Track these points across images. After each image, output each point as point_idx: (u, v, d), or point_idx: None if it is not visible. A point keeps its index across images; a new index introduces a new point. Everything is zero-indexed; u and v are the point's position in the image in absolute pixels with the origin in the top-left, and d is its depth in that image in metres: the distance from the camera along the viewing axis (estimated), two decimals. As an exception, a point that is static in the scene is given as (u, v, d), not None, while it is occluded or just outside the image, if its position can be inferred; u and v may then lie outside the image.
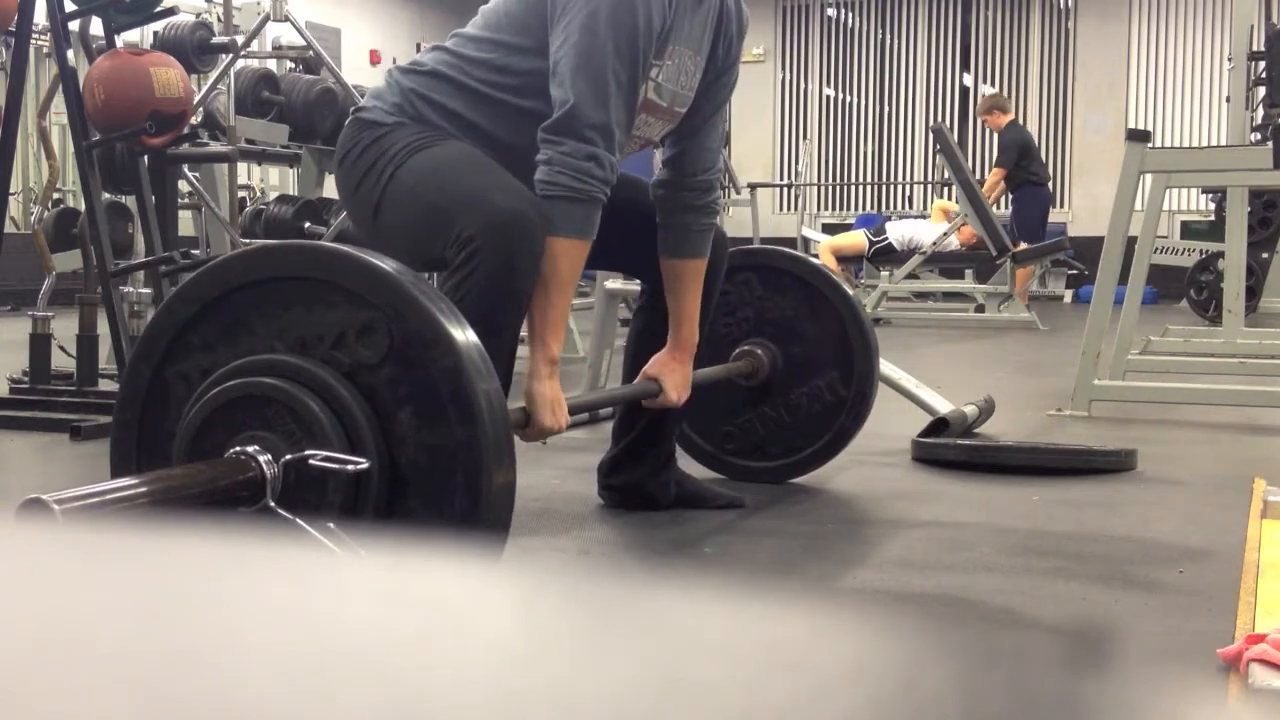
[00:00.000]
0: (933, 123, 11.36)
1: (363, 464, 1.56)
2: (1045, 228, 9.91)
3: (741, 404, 3.00)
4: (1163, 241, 10.03)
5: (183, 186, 5.14)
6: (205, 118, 5.17)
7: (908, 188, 14.35)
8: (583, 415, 3.37)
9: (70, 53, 4.01)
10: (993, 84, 13.97)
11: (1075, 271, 10.75)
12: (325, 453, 1.55)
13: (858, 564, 2.30)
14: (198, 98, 4.62)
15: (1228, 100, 7.06)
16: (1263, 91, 8.16)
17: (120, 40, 4.11)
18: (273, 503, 1.55)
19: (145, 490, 1.45)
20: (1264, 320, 8.12)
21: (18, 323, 5.53)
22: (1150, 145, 4.41)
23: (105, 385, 4.12)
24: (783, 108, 14.67)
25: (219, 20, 5.53)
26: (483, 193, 2.13)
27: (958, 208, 9.18)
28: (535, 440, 2.23)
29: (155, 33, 5.09)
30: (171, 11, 4.41)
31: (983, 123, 11.32)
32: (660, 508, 2.66)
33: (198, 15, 6.03)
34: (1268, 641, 1.61)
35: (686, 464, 2.82)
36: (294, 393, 1.57)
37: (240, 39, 5.08)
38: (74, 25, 4.14)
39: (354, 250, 1.64)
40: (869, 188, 14.52)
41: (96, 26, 4.18)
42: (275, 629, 0.27)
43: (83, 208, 4.11)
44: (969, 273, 10.15)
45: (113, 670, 0.25)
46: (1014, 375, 5.69)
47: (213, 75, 5.14)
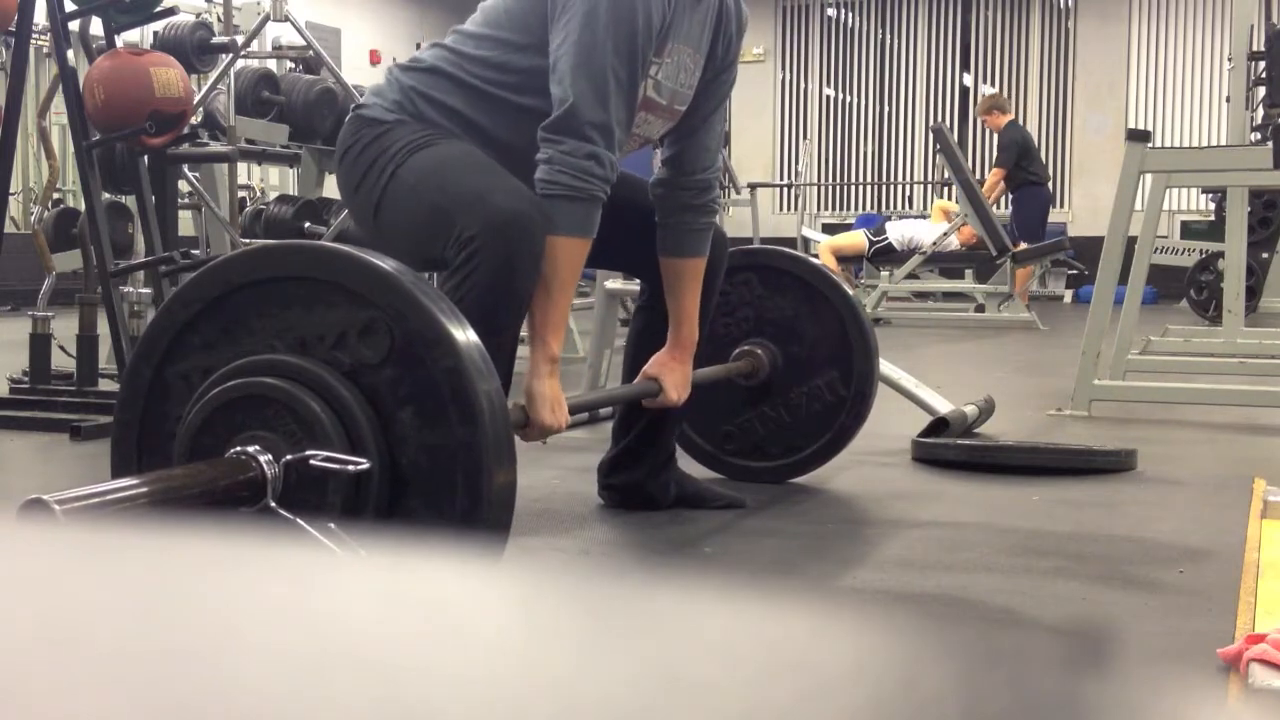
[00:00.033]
0: (933, 123, 11.36)
1: (363, 464, 1.56)
2: (1045, 228, 9.91)
3: (741, 404, 3.00)
4: (1163, 241, 10.03)
5: (183, 186, 5.14)
6: (205, 118, 5.17)
7: (908, 188, 14.35)
8: (583, 415, 3.37)
9: (70, 53, 4.01)
10: (993, 84, 13.97)
11: (1075, 271, 10.76)
12: (326, 453, 1.55)
13: (858, 564, 2.30)
14: (198, 98, 4.62)
15: (1228, 100, 7.06)
16: (1263, 91, 8.16)
17: (120, 40, 4.11)
18: (273, 503, 1.55)
19: (146, 490, 1.45)
20: (1264, 320, 8.12)
21: (18, 323, 5.53)
22: (1150, 145, 4.41)
23: (105, 385, 4.12)
24: (783, 108, 14.68)
25: (219, 20, 5.53)
26: (483, 192, 2.13)
27: (958, 208, 9.18)
28: (536, 440, 2.23)
29: (155, 33, 5.10)
30: (171, 11, 4.41)
31: (982, 123, 11.33)
32: (660, 508, 2.66)
33: (198, 15, 6.03)
34: (1268, 641, 1.61)
35: (686, 464, 2.82)
36: (295, 393, 1.57)
37: (240, 39, 5.08)
38: (74, 25, 4.14)
39: (355, 250, 1.64)
40: (869, 188, 14.52)
41: (96, 26, 4.18)
42: (276, 629, 0.27)
43: (83, 208, 4.11)
44: (969, 273, 10.15)
45: (114, 670, 0.25)
46: (1014, 375, 5.69)
47: (213, 75, 5.14)
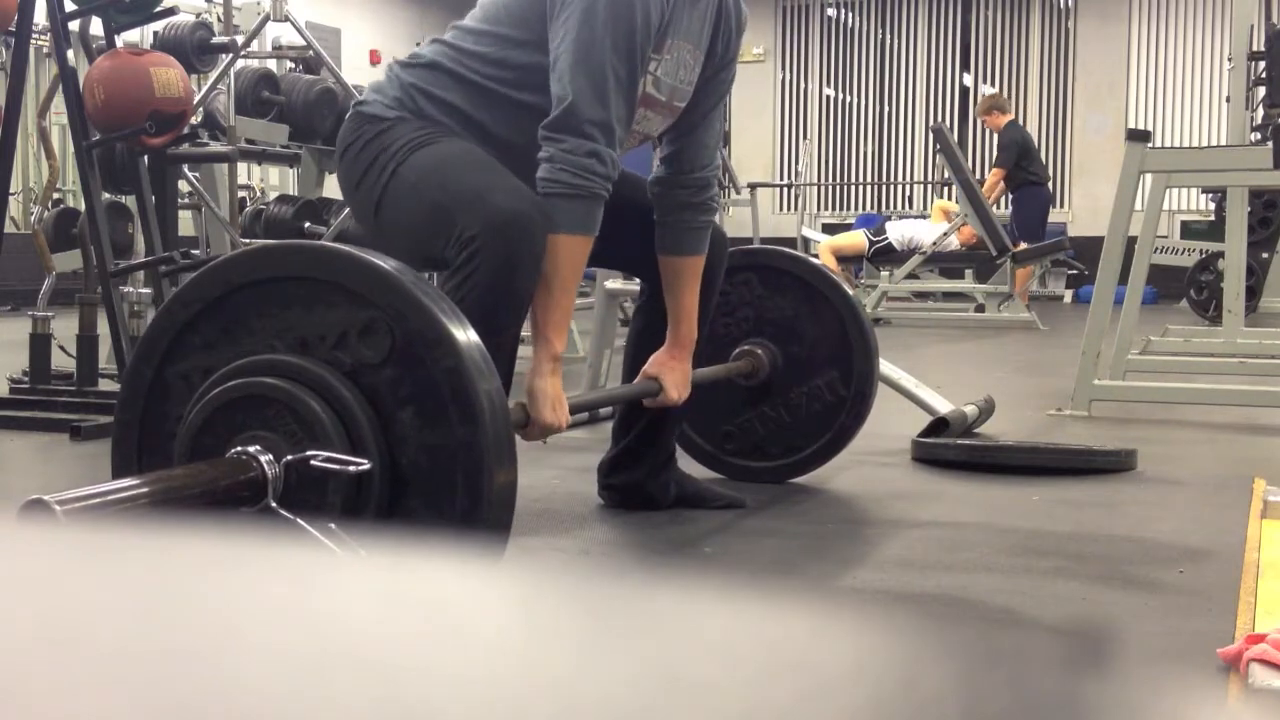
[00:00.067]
0: (933, 123, 11.36)
1: (364, 465, 1.56)
2: (1045, 228, 9.91)
3: (741, 404, 3.00)
4: (1163, 241, 10.03)
5: (183, 186, 5.14)
6: (205, 118, 5.17)
7: (908, 188, 14.35)
8: (583, 415, 3.37)
9: (70, 53, 4.01)
10: (993, 84, 13.97)
11: (1075, 271, 10.76)
12: (327, 453, 1.55)
13: (858, 564, 2.30)
14: (198, 98, 4.62)
15: (1228, 100, 7.06)
16: (1263, 91, 8.15)
17: (120, 40, 4.11)
18: (274, 503, 1.55)
19: (147, 491, 1.45)
20: (1264, 320, 8.12)
21: (18, 323, 5.53)
22: (1150, 145, 4.41)
23: (105, 385, 4.12)
24: (783, 108, 14.67)
25: (219, 20, 5.53)
26: (484, 192, 2.13)
27: (958, 208, 9.18)
28: (537, 439, 2.23)
29: (155, 33, 5.10)
30: (171, 11, 4.41)
31: (982, 123, 11.33)
32: (660, 508, 2.66)
33: (198, 15, 6.02)
34: (1268, 641, 1.61)
35: (686, 464, 2.82)
36: (295, 393, 1.57)
37: (240, 39, 5.08)
38: (74, 25, 4.14)
39: (356, 250, 1.64)
40: (869, 188, 14.52)
41: (96, 26, 4.18)
42: (277, 629, 0.27)
43: (83, 208, 4.11)
44: (969, 273, 10.15)
45: (115, 670, 0.25)
46: (1014, 375, 5.68)
47: (213, 75, 5.14)
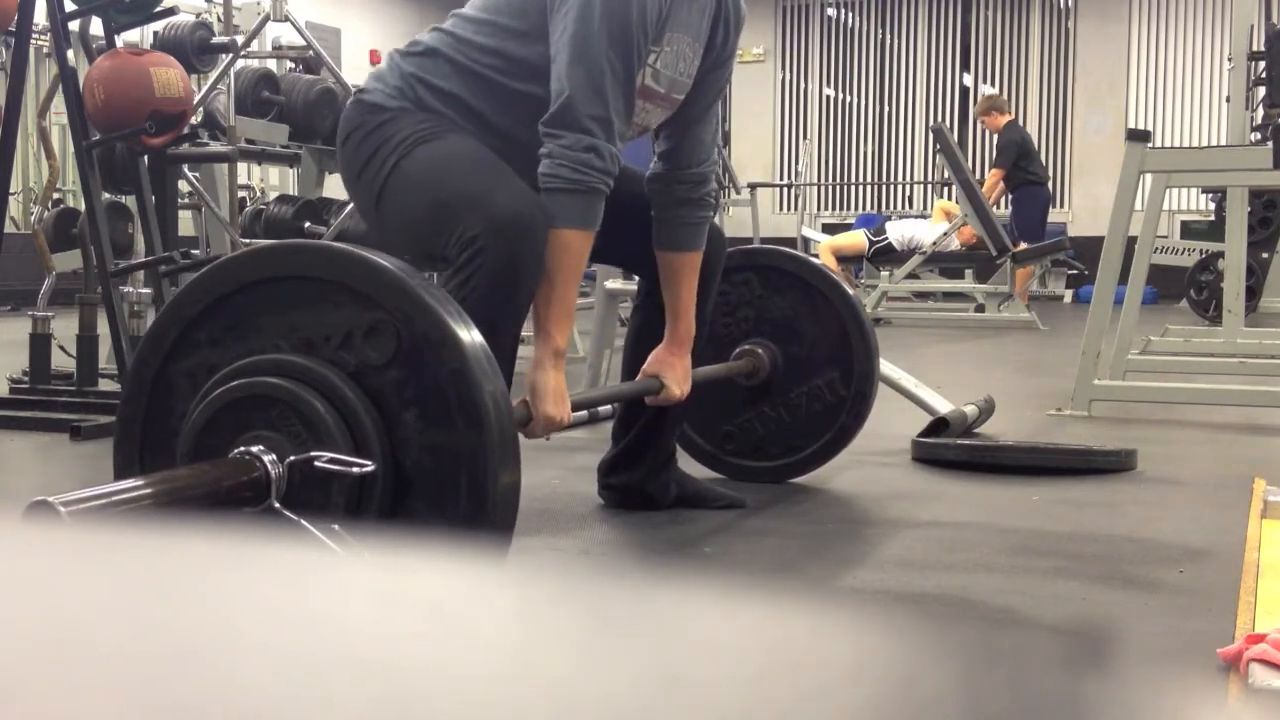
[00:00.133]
0: (933, 123, 11.36)
1: (368, 466, 1.56)
2: (1045, 228, 9.91)
3: (741, 403, 3.00)
4: (1163, 241, 10.03)
5: (183, 186, 5.14)
6: (205, 118, 5.16)
7: (908, 188, 14.35)
8: (583, 414, 3.36)
9: (70, 53, 4.01)
10: (993, 84, 13.97)
11: (1075, 271, 10.75)
12: (330, 454, 1.54)
13: (858, 564, 2.30)
14: (198, 98, 4.62)
15: (1228, 100, 7.06)
16: (1263, 91, 8.15)
17: (120, 40, 4.11)
18: (277, 503, 1.55)
19: (150, 491, 1.44)
20: (1264, 320, 8.12)
21: (18, 323, 5.53)
22: (1150, 145, 4.41)
23: (105, 385, 4.12)
24: (783, 108, 14.67)
25: (219, 20, 5.53)
26: (486, 192, 2.13)
27: (959, 208, 9.18)
28: (540, 435, 2.23)
29: (155, 33, 5.09)
30: (171, 11, 4.41)
31: (981, 124, 11.32)
32: (660, 508, 2.66)
33: (198, 15, 6.02)
34: (1268, 641, 1.61)
35: (686, 464, 2.82)
36: (299, 393, 1.57)
37: (240, 39, 5.07)
38: (74, 25, 4.14)
39: (363, 251, 1.64)
40: (869, 188, 14.52)
41: (96, 26, 4.18)
42: (280, 630, 0.27)
43: (83, 208, 4.11)
44: (969, 273, 10.15)
45: (120, 671, 0.25)
46: (1014, 375, 5.68)
47: (213, 75, 5.14)
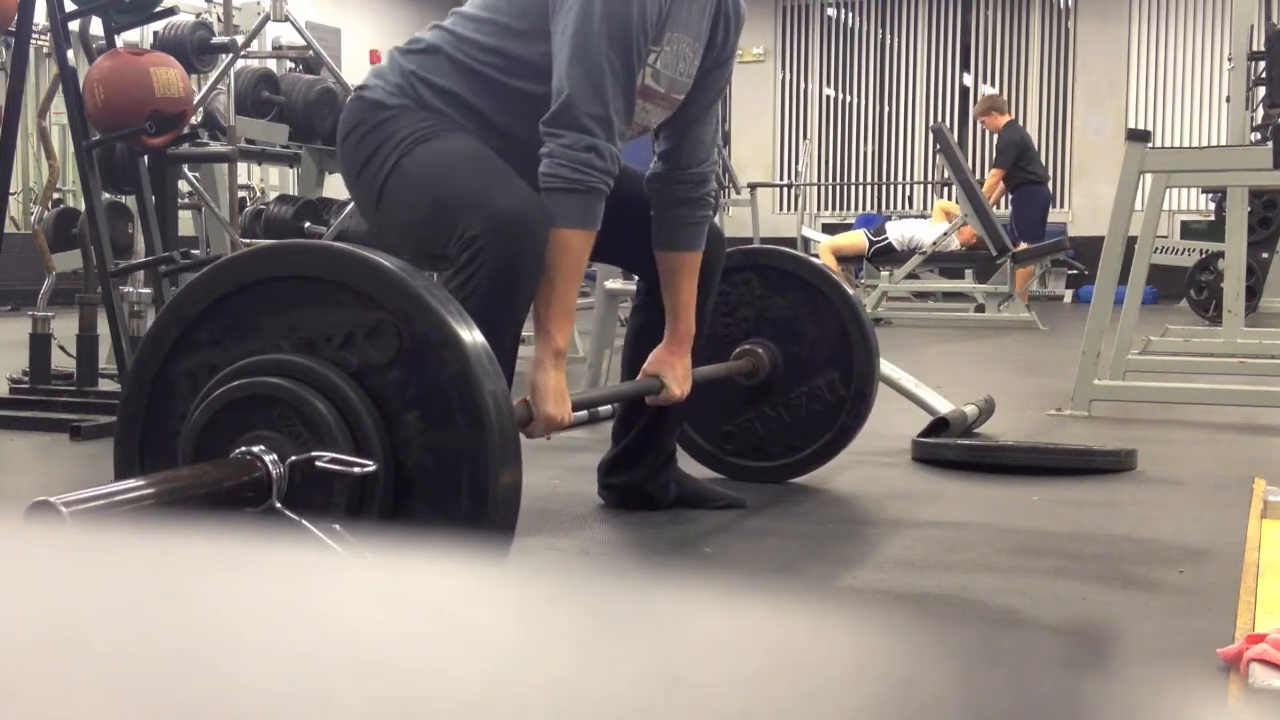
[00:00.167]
0: (933, 123, 11.36)
1: (370, 466, 1.55)
2: (1045, 227, 9.91)
3: (741, 403, 3.00)
4: (1163, 241, 10.02)
5: (183, 186, 5.14)
6: (205, 118, 5.16)
7: (908, 188, 14.35)
8: (583, 414, 3.36)
9: (70, 53, 4.01)
10: (993, 84, 13.97)
11: (1075, 271, 10.75)
12: (332, 454, 1.54)
13: (858, 564, 2.30)
14: (198, 98, 4.62)
15: (1228, 100, 7.06)
16: (1263, 91, 8.15)
17: (120, 40, 4.11)
18: (278, 503, 1.55)
19: (152, 491, 1.44)
20: (1264, 320, 8.12)
21: (18, 323, 5.53)
22: (1150, 145, 4.41)
23: (105, 385, 4.12)
24: (783, 108, 14.67)
25: (219, 20, 5.53)
26: (486, 192, 2.13)
27: (959, 208, 9.18)
28: (540, 435, 2.23)
29: (155, 33, 5.10)
30: (171, 11, 4.41)
31: (980, 124, 11.32)
32: (660, 508, 2.66)
33: (198, 15, 6.02)
34: (1268, 641, 1.61)
35: (686, 464, 2.82)
36: (301, 393, 1.57)
37: (240, 39, 5.07)
38: (74, 25, 4.14)
39: (364, 251, 1.64)
40: (869, 188, 14.52)
41: (96, 26, 4.18)
42: (283, 630, 0.27)
43: (83, 208, 4.11)
44: (969, 273, 10.15)
45: (123, 671, 0.25)
46: (1014, 375, 5.68)
47: (213, 75, 5.14)
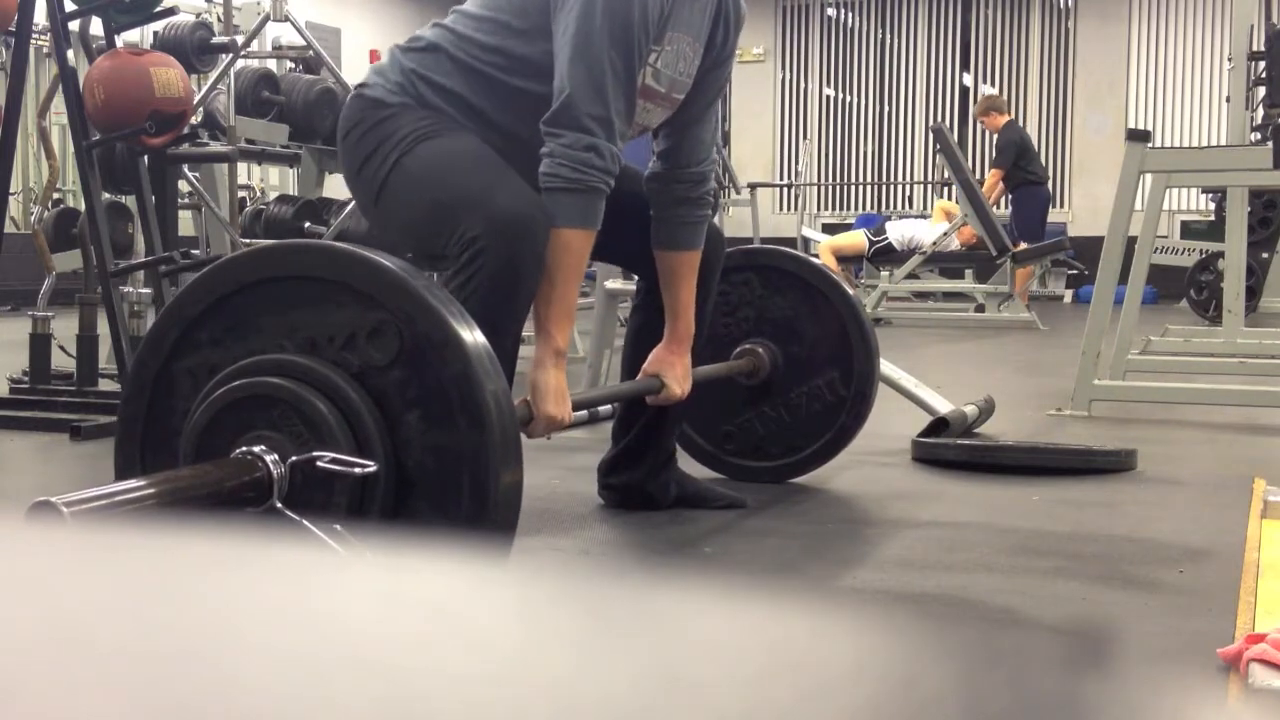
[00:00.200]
0: (933, 123, 11.36)
1: (371, 467, 1.55)
2: (1045, 227, 9.91)
3: (742, 403, 3.00)
4: (1163, 241, 10.02)
5: (183, 186, 5.14)
6: (205, 118, 5.16)
7: (908, 188, 14.35)
8: (583, 414, 3.36)
9: (70, 53, 4.01)
10: (993, 84, 13.97)
11: (1075, 271, 10.75)
12: (333, 454, 1.54)
13: (858, 564, 2.30)
14: (198, 98, 4.62)
15: (1228, 100, 7.06)
16: (1263, 91, 8.15)
17: (120, 40, 4.11)
18: (279, 503, 1.55)
19: (153, 492, 1.44)
20: (1264, 320, 8.12)
21: (18, 323, 5.53)
22: (1150, 145, 4.41)
23: (105, 385, 4.12)
24: (783, 108, 14.67)
25: (219, 20, 5.53)
26: (487, 192, 2.13)
27: (960, 208, 9.18)
28: (541, 435, 2.23)
29: (155, 33, 5.09)
30: (171, 11, 4.41)
31: (980, 124, 11.32)
32: (660, 508, 2.66)
33: (198, 15, 6.02)
34: (1268, 641, 1.61)
35: (686, 464, 2.82)
36: (301, 393, 1.57)
37: (240, 39, 5.07)
38: (74, 25, 4.14)
39: (365, 251, 1.64)
40: (869, 188, 14.52)
41: (96, 26, 4.18)
42: (284, 630, 0.27)
43: (83, 208, 4.11)
44: (969, 273, 10.15)
45: (124, 671, 0.25)
46: (1014, 375, 5.68)
47: (213, 75, 5.14)
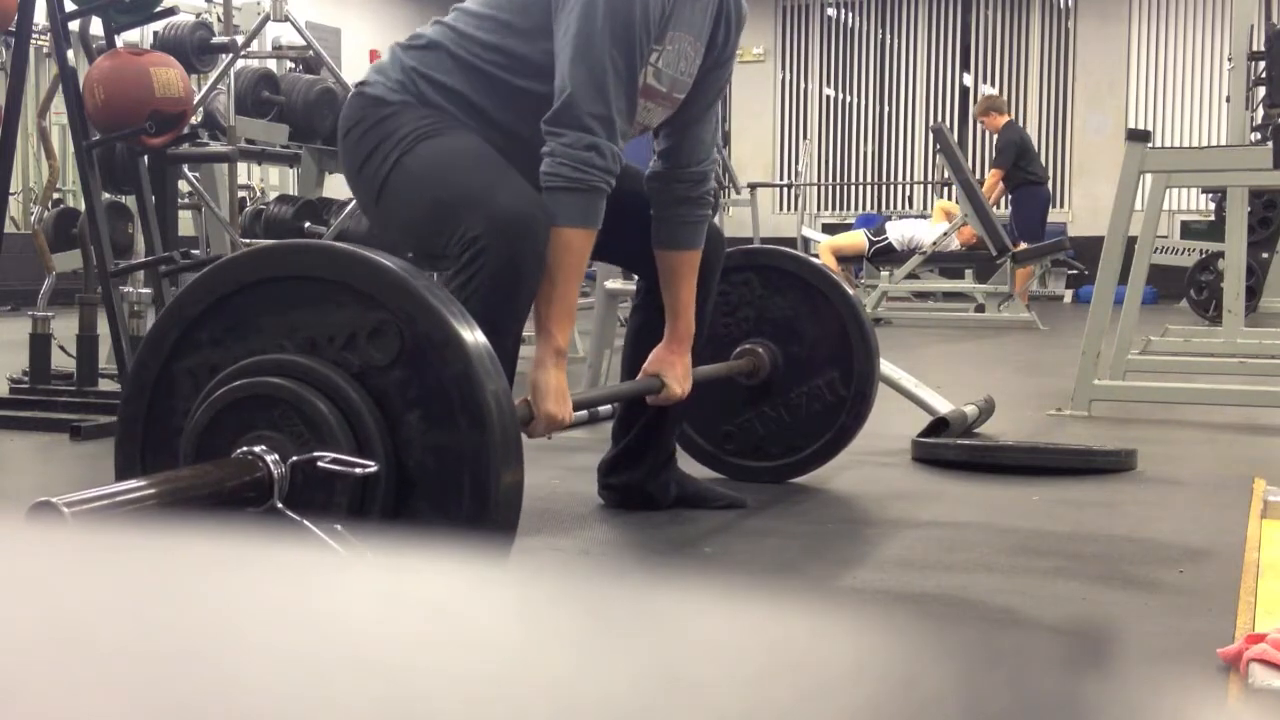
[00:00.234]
0: (933, 123, 11.36)
1: (371, 467, 1.55)
2: (1045, 227, 9.91)
3: (742, 403, 3.00)
4: (1163, 241, 10.02)
5: (183, 186, 5.14)
6: (205, 118, 5.16)
7: (908, 188, 14.35)
8: (583, 414, 3.37)
9: (70, 53, 4.01)
10: (993, 84, 13.97)
11: (1075, 271, 10.75)
12: (333, 454, 1.54)
13: (858, 564, 2.30)
14: (198, 98, 4.62)
15: (1228, 100, 7.06)
16: (1263, 91, 8.15)
17: (120, 40, 4.11)
18: (280, 504, 1.54)
19: (153, 492, 1.44)
20: (1264, 320, 8.12)
21: (18, 323, 5.53)
22: (1150, 145, 4.41)
23: (105, 385, 4.12)
24: (783, 108, 14.67)
25: (219, 20, 5.53)
26: (488, 191, 2.13)
27: (960, 208, 9.18)
28: (541, 434, 2.23)
29: (155, 33, 5.09)
30: (171, 11, 4.41)
31: (980, 124, 11.32)
32: (660, 508, 2.66)
33: (198, 15, 6.02)
34: (1268, 641, 1.61)
35: (686, 464, 2.82)
36: (302, 393, 1.57)
37: (240, 39, 5.07)
38: (74, 25, 4.14)
39: (366, 251, 1.63)
40: (869, 188, 14.52)
41: (96, 26, 4.18)
42: (284, 631, 0.27)
43: (83, 208, 4.11)
44: (969, 273, 10.15)
45: (125, 671, 0.25)
46: (1014, 375, 5.68)
47: (213, 75, 5.14)
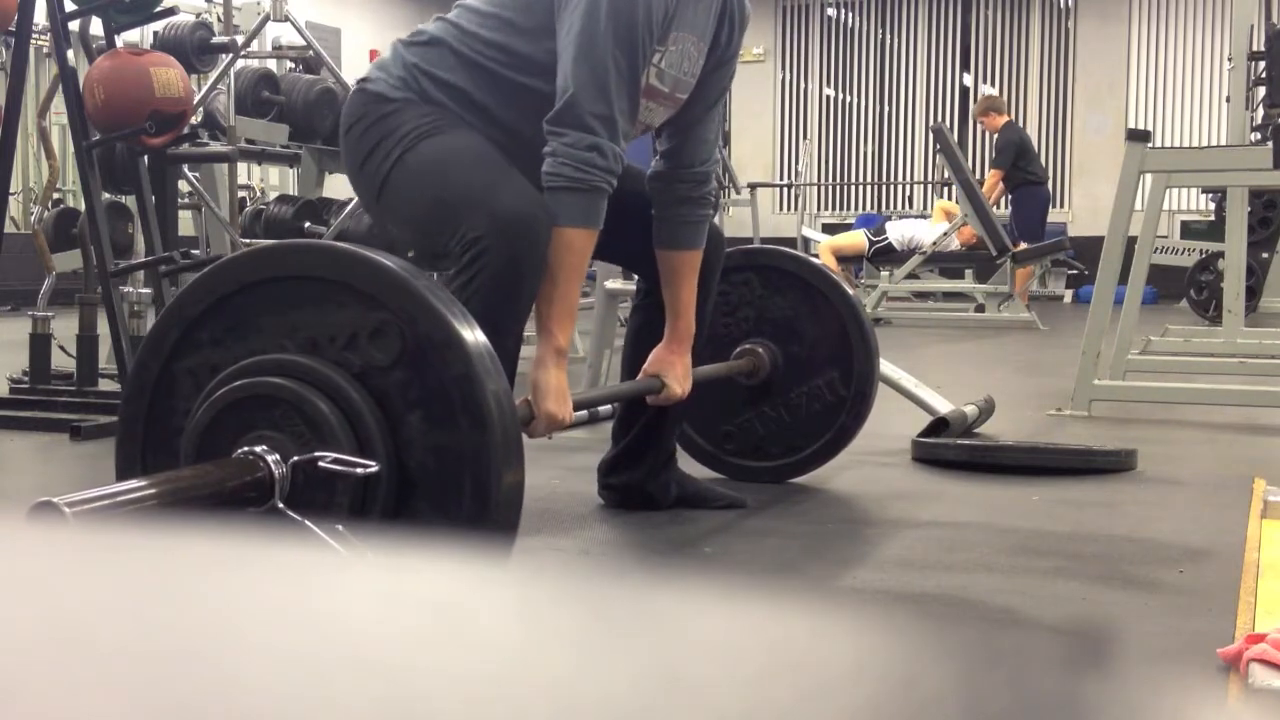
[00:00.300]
0: (933, 123, 11.36)
1: (372, 467, 1.55)
2: (1045, 227, 9.91)
3: (742, 403, 3.00)
4: (1163, 241, 10.03)
5: (183, 186, 5.14)
6: (205, 118, 5.16)
7: (908, 188, 14.35)
8: (583, 414, 3.36)
9: (70, 53, 4.01)
10: (993, 84, 13.97)
11: (1075, 271, 10.75)
12: (334, 455, 1.54)
13: (858, 564, 2.30)
14: (198, 98, 4.62)
15: (1228, 100, 7.06)
16: (1263, 91, 8.15)
17: (120, 40, 4.11)
18: (281, 504, 1.54)
19: (154, 492, 1.44)
20: (1264, 320, 8.12)
21: (18, 323, 5.53)
22: (1150, 145, 4.41)
23: (105, 385, 4.12)
24: (783, 108, 14.67)
25: (219, 20, 5.53)
26: (489, 190, 2.13)
27: (960, 208, 9.18)
28: (542, 434, 2.23)
29: (155, 33, 5.10)
30: (171, 11, 4.41)
31: (979, 124, 11.32)
32: (660, 508, 2.66)
33: (198, 15, 6.02)
34: (1268, 641, 1.61)
35: (686, 464, 2.82)
36: (303, 393, 1.57)
37: (240, 39, 5.07)
38: (74, 25, 4.14)
39: (367, 251, 1.63)
40: (869, 188, 14.52)
41: (96, 26, 4.18)
42: (285, 631, 0.27)
43: (83, 208, 4.11)
44: (969, 273, 10.15)
45: (126, 671, 0.25)
46: (1014, 375, 5.68)
47: (213, 75, 5.14)
